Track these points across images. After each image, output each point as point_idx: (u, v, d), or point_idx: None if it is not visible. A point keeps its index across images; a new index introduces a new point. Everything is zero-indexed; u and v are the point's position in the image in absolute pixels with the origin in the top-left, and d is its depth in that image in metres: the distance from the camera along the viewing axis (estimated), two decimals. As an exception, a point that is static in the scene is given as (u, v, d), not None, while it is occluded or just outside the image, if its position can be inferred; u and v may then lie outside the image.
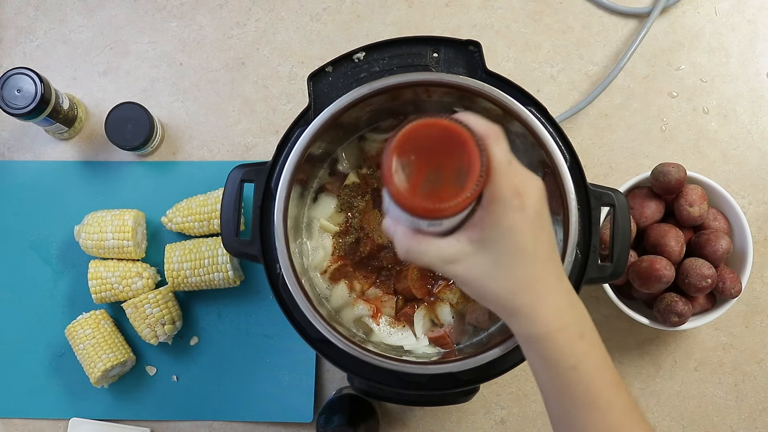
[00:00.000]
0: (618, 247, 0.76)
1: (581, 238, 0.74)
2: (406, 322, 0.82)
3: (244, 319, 0.96)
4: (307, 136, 0.75)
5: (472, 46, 0.78)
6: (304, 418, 0.94)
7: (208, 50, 1.02)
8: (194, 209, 0.93)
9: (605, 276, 0.75)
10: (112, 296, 0.93)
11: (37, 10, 1.03)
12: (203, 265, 0.91)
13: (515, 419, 0.95)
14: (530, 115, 0.74)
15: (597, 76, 1.00)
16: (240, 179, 0.78)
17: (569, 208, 0.72)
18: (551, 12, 1.02)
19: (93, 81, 1.01)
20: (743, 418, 0.95)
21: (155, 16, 1.02)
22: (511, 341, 0.72)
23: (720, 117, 1.00)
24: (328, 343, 0.73)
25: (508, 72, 0.98)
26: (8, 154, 1.00)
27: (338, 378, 0.96)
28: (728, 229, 0.90)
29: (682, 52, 1.01)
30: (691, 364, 0.96)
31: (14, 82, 0.89)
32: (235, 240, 0.77)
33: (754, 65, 1.00)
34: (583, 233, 0.74)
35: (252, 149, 1.00)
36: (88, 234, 0.92)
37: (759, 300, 0.96)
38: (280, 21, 1.02)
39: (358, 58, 0.78)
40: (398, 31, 1.01)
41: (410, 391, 0.75)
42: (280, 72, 1.01)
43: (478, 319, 0.83)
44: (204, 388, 0.95)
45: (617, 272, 0.75)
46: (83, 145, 1.00)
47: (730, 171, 0.98)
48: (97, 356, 0.90)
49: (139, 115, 0.94)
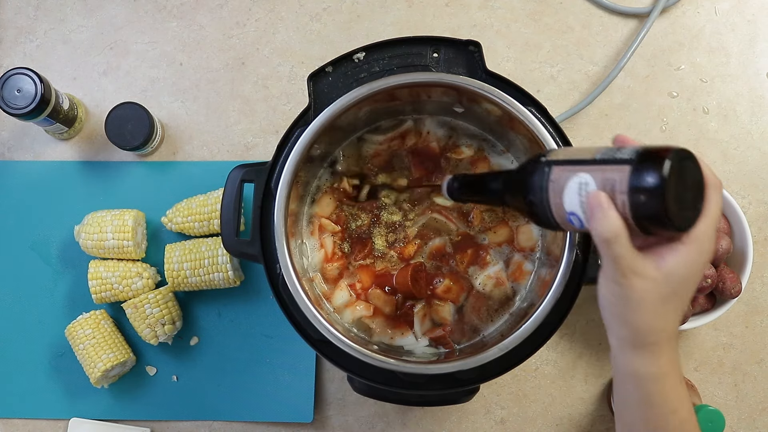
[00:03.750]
0: (618, 247, 0.76)
1: (581, 238, 0.74)
2: (406, 322, 0.82)
3: (244, 319, 0.96)
4: (307, 136, 0.75)
5: (472, 46, 0.78)
6: (304, 418, 0.94)
7: (208, 50, 1.02)
8: (194, 209, 0.93)
9: (605, 276, 0.75)
10: (112, 296, 0.93)
11: (37, 10, 1.03)
12: (203, 265, 0.91)
13: (515, 419, 0.95)
14: (530, 115, 0.74)
15: (597, 76, 1.00)
16: (240, 179, 0.78)
17: (569, 208, 0.72)
18: (551, 12, 1.02)
19: (93, 81, 1.01)
20: (743, 418, 0.95)
21: (155, 16, 1.02)
22: (511, 341, 0.72)
23: (720, 117, 1.00)
24: (328, 343, 0.73)
25: (508, 72, 0.98)
26: (8, 154, 1.00)
27: (338, 378, 0.96)
28: (728, 229, 0.90)
29: (682, 52, 1.01)
30: (691, 364, 0.96)
31: (14, 82, 0.89)
32: (235, 240, 0.77)
33: (754, 65, 1.00)
34: (583, 233, 0.74)
35: (252, 149, 1.00)
36: (88, 234, 0.92)
37: (759, 300, 0.96)
38: (280, 21, 1.02)
39: (358, 58, 0.78)
40: (398, 31, 1.01)
41: (410, 391, 0.75)
42: (280, 72, 1.01)
43: (478, 319, 0.83)
44: (204, 388, 0.95)
45: (617, 272, 0.75)
46: (83, 145, 1.00)
47: (730, 171, 0.98)
48: (97, 356, 0.90)
49: (139, 115, 0.94)
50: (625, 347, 0.58)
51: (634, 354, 0.58)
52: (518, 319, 0.78)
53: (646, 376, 0.58)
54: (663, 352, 0.57)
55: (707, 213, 0.55)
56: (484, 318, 0.83)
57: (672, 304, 0.56)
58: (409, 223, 0.85)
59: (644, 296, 0.55)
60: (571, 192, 0.57)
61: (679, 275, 0.55)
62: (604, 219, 0.54)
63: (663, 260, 0.55)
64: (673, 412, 0.58)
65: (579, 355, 0.96)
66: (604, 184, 0.55)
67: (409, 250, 0.84)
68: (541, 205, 0.60)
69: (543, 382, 0.95)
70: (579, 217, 0.57)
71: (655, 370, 0.57)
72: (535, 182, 0.60)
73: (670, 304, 0.56)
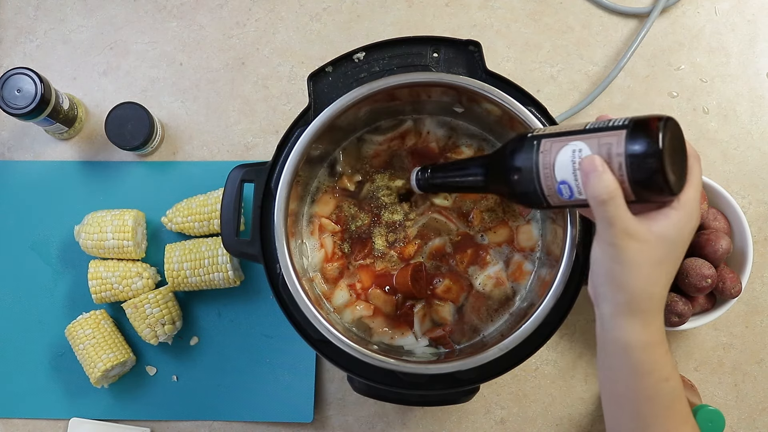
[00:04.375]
0: (618, 247, 0.76)
1: (581, 238, 0.74)
2: (406, 322, 0.82)
3: (244, 319, 0.96)
4: (307, 136, 0.75)
5: (472, 46, 0.78)
6: (304, 418, 0.94)
7: (208, 50, 1.02)
8: (194, 209, 0.93)
9: (605, 276, 0.75)
10: (112, 296, 0.93)
11: (37, 10, 1.03)
12: (203, 265, 0.91)
13: (515, 419, 0.95)
14: (530, 115, 0.74)
15: (597, 76, 1.00)
16: (240, 179, 0.78)
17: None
18: (551, 12, 1.02)
19: (93, 81, 1.01)
20: (743, 418, 0.95)
21: (155, 16, 1.02)
22: (511, 341, 0.72)
23: (720, 117, 1.00)
24: (328, 343, 0.73)
25: (508, 72, 0.98)
26: (8, 154, 1.00)
27: (338, 378, 0.96)
28: (728, 229, 0.90)
29: (682, 52, 1.01)
30: (691, 364, 0.96)
31: (14, 82, 0.89)
32: (235, 240, 0.77)
33: (754, 65, 1.00)
34: (583, 233, 0.74)
35: (252, 149, 1.00)
36: (88, 234, 0.92)
37: (759, 300, 0.96)
38: (280, 21, 1.02)
39: (358, 58, 0.78)
40: (398, 31, 1.01)
41: (410, 391, 0.75)
42: (280, 72, 1.01)
43: (478, 319, 0.83)
44: (204, 388, 0.95)
45: (617, 272, 0.75)
46: (83, 145, 1.00)
47: (730, 171, 0.98)
48: (97, 356, 0.90)
49: (139, 115, 0.94)
50: (619, 314, 0.59)
51: (626, 321, 0.58)
52: (518, 319, 0.78)
53: (638, 344, 0.58)
54: (654, 319, 0.58)
55: (692, 180, 0.57)
56: (484, 318, 0.83)
57: (664, 267, 0.58)
58: (409, 223, 0.85)
59: (639, 258, 0.56)
60: (564, 159, 0.59)
61: (670, 238, 0.57)
62: (600, 180, 0.56)
63: (655, 223, 0.57)
64: (665, 380, 0.59)
65: (579, 355, 0.96)
66: (599, 148, 0.57)
67: (409, 250, 0.84)
68: (530, 178, 0.62)
69: (543, 382, 0.95)
70: (570, 186, 0.60)
71: (647, 338, 0.58)
72: (523, 157, 0.63)
73: (663, 267, 0.58)
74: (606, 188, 0.55)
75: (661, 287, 0.58)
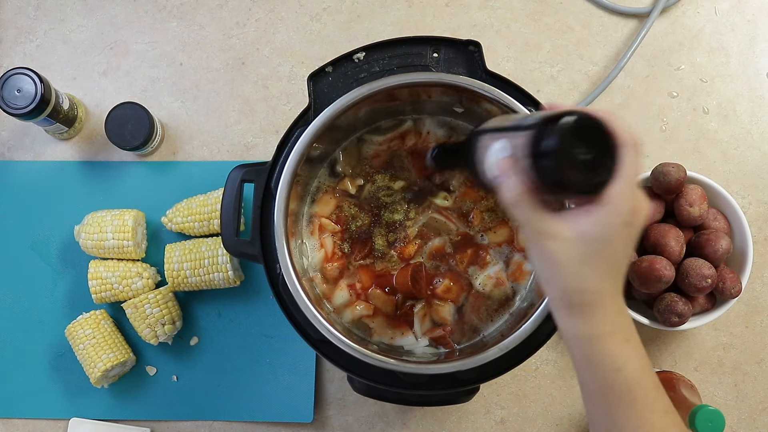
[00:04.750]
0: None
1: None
2: (406, 322, 0.82)
3: (244, 319, 0.96)
4: (307, 136, 0.75)
5: (472, 46, 0.78)
6: (304, 418, 0.94)
7: (208, 50, 1.02)
8: (194, 209, 0.93)
9: (605, 276, 0.75)
10: (112, 296, 0.93)
11: (37, 10, 1.03)
12: (203, 265, 0.91)
13: (515, 419, 0.95)
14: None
15: (597, 76, 1.00)
16: (240, 179, 0.78)
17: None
18: (551, 12, 1.02)
19: (93, 81, 1.01)
20: (743, 418, 0.95)
21: (155, 16, 1.02)
22: (511, 341, 0.72)
23: (720, 117, 1.00)
24: (328, 343, 0.73)
25: (508, 72, 0.98)
26: (8, 154, 1.00)
27: (338, 378, 0.96)
28: (728, 229, 0.90)
29: (682, 52, 1.01)
30: (691, 364, 0.96)
31: (14, 82, 0.89)
32: (235, 240, 0.77)
33: (754, 65, 1.00)
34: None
35: (252, 149, 1.00)
36: (88, 234, 0.92)
37: (759, 300, 0.96)
38: (280, 21, 1.02)
39: (358, 58, 0.78)
40: (398, 31, 1.01)
41: (410, 391, 0.75)
42: (280, 72, 1.01)
43: (478, 319, 0.83)
44: (204, 388, 0.95)
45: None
46: (83, 145, 1.00)
47: (730, 171, 0.98)
48: (97, 356, 0.90)
49: (139, 115, 0.94)
50: (557, 309, 0.59)
51: (567, 315, 0.58)
52: (518, 319, 0.78)
53: (582, 336, 0.58)
54: (596, 313, 0.57)
55: (621, 174, 0.54)
56: (484, 318, 0.83)
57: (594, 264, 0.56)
58: (409, 222, 0.85)
59: (560, 257, 0.55)
60: (491, 158, 0.60)
61: (594, 236, 0.55)
62: (505, 184, 0.56)
63: (576, 221, 0.55)
64: (617, 370, 0.58)
65: (579, 355, 0.96)
66: (514, 149, 0.56)
67: (409, 250, 0.84)
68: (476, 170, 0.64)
69: (543, 382, 0.95)
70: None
71: (590, 331, 0.57)
72: (469, 150, 0.64)
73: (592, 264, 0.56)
74: (510, 192, 0.56)
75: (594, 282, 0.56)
